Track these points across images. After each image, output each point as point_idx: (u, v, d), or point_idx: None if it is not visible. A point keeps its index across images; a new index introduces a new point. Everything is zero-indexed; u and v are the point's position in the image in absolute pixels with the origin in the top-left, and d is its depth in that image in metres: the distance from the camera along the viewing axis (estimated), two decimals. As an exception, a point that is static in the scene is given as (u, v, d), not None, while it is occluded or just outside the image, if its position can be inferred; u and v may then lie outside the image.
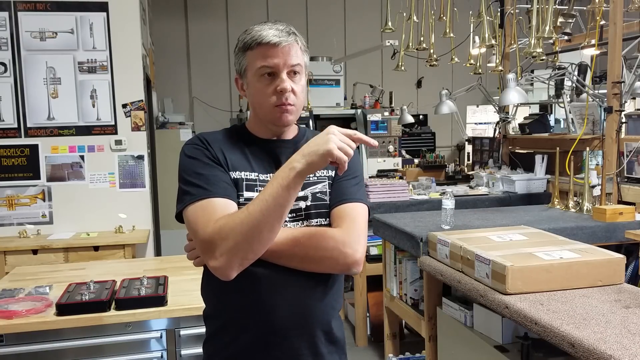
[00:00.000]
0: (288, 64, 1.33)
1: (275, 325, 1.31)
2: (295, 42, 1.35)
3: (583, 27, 4.25)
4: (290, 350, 1.33)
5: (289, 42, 1.33)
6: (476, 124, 7.49)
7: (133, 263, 2.99)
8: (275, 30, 1.33)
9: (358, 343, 3.85)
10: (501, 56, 4.36)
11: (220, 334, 1.38)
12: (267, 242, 1.23)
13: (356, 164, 1.44)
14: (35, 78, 3.74)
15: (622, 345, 1.45)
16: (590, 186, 3.13)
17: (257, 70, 1.33)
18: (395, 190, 3.87)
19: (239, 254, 1.21)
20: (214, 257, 1.22)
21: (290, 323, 1.32)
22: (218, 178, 1.31)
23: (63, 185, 3.81)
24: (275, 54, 1.32)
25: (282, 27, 1.35)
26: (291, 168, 1.19)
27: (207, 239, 1.22)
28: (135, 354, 2.05)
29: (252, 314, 1.32)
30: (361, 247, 1.31)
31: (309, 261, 1.30)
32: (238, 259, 1.22)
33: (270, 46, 1.31)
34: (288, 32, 1.34)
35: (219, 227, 1.21)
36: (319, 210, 1.37)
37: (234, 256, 1.21)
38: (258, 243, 1.22)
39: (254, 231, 1.19)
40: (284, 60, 1.32)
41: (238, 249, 1.21)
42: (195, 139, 1.39)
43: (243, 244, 1.20)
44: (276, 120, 1.37)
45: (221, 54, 7.25)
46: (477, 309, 2.20)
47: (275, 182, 1.20)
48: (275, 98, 1.33)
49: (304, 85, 1.39)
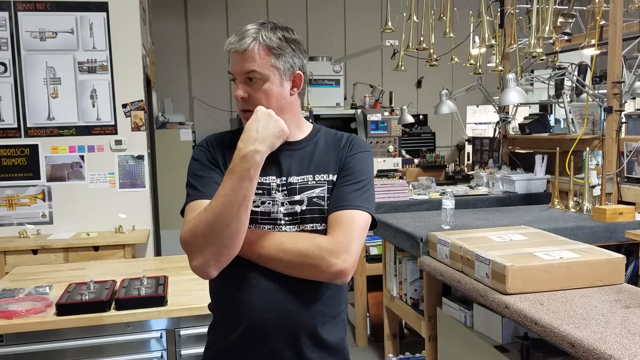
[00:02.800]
0: (241, 71, 1.33)
1: (260, 327, 1.32)
2: (252, 46, 1.30)
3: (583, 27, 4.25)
4: (273, 352, 1.33)
5: (238, 49, 1.31)
6: (476, 124, 7.49)
7: (133, 263, 2.99)
8: (235, 37, 1.33)
9: (358, 343, 3.86)
10: (501, 56, 4.36)
11: (216, 327, 1.43)
12: (238, 235, 1.24)
13: (363, 167, 1.40)
14: (35, 78, 3.73)
15: (622, 345, 1.45)
16: (590, 186, 3.13)
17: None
18: (395, 190, 3.87)
19: (212, 250, 1.23)
20: (191, 258, 1.26)
21: (274, 326, 1.32)
22: (212, 180, 1.34)
23: (63, 185, 3.81)
24: (233, 61, 1.34)
25: (246, 30, 1.32)
26: (251, 158, 1.22)
27: (182, 240, 1.27)
28: (135, 354, 2.04)
29: (241, 314, 1.33)
30: (351, 257, 1.27)
31: (292, 267, 1.29)
32: (213, 255, 1.24)
33: (231, 54, 1.34)
34: (243, 37, 1.31)
35: (190, 227, 1.25)
36: (314, 215, 1.35)
37: (209, 253, 1.23)
38: (228, 237, 1.23)
39: (221, 225, 1.21)
40: (237, 68, 1.33)
41: (210, 245, 1.23)
42: (203, 141, 1.44)
43: (214, 239, 1.22)
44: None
45: (221, 54, 7.13)
46: (477, 309, 2.20)
47: (233, 175, 1.22)
48: (238, 104, 1.37)
49: (272, 89, 1.33)
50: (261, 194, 1.35)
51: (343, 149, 1.41)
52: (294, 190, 1.36)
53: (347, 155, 1.39)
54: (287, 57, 1.34)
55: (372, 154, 1.48)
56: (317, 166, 1.39)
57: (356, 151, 1.41)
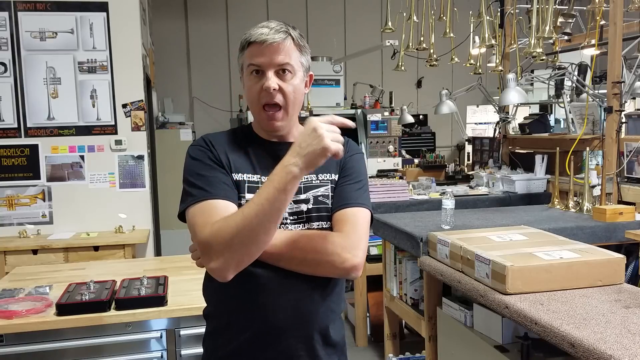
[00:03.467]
0: (274, 63, 1.32)
1: (273, 326, 1.32)
2: (287, 40, 1.33)
3: (583, 27, 4.25)
4: (287, 352, 1.34)
5: (276, 40, 1.31)
6: (476, 124, 7.49)
7: (133, 263, 2.99)
8: (266, 29, 1.32)
9: (358, 343, 3.85)
10: (501, 56, 4.36)
11: (220, 332, 1.39)
12: (263, 245, 1.23)
13: (360, 168, 1.44)
14: (35, 78, 3.74)
15: (622, 345, 1.45)
16: (590, 186, 3.13)
17: (247, 68, 1.35)
18: (395, 190, 3.87)
19: (235, 257, 1.22)
20: (210, 259, 1.23)
21: (287, 325, 1.32)
22: (219, 179, 1.32)
23: (63, 185, 3.81)
24: (262, 52, 1.32)
25: (275, 25, 1.34)
26: (288, 172, 1.18)
27: (203, 241, 1.23)
28: (135, 354, 2.04)
29: (251, 314, 1.32)
30: (361, 252, 1.31)
31: (307, 264, 1.30)
32: (234, 261, 1.22)
33: (258, 44, 1.32)
34: (278, 30, 1.32)
35: (215, 229, 1.22)
36: (320, 213, 1.37)
37: (230, 259, 1.21)
38: (254, 246, 1.22)
39: (250, 234, 1.19)
40: (270, 59, 1.32)
41: (234, 252, 1.21)
42: (200, 141, 1.40)
43: (239, 246, 1.20)
44: (264, 124, 1.38)
45: (221, 54, 7.25)
46: (477, 309, 2.20)
47: (271, 185, 1.19)
48: (262, 97, 1.33)
49: (297, 85, 1.36)
50: None
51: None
52: (298, 190, 1.36)
53: (346, 157, 1.42)
54: (307, 57, 1.40)
55: (364, 155, 1.54)
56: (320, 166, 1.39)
57: (353, 152, 1.46)
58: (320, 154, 1.18)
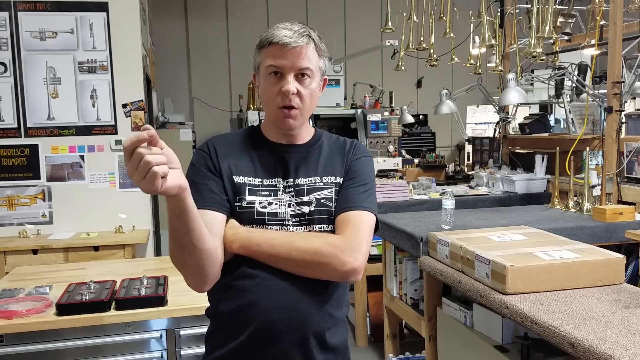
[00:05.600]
0: (295, 67, 1.33)
1: (268, 328, 1.32)
2: (309, 45, 1.33)
3: (583, 27, 4.25)
4: (281, 354, 1.33)
5: (299, 44, 1.31)
6: (476, 124, 7.49)
7: (133, 263, 2.98)
8: (289, 31, 1.32)
9: (358, 343, 3.86)
10: (501, 56, 4.36)
11: (220, 332, 1.40)
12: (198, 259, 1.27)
13: (367, 171, 1.44)
14: (35, 78, 3.73)
15: (622, 345, 1.45)
16: (590, 186, 3.13)
17: (266, 68, 1.35)
18: (395, 190, 3.87)
19: (188, 273, 1.30)
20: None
21: (284, 327, 1.32)
22: (207, 188, 1.34)
23: (63, 185, 3.81)
24: (284, 55, 1.32)
25: (298, 28, 1.34)
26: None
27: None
28: (135, 354, 2.04)
29: (249, 315, 1.33)
30: (361, 256, 1.30)
31: (305, 266, 1.29)
32: (189, 277, 1.31)
33: (280, 46, 1.31)
34: (301, 34, 1.33)
35: (170, 250, 1.32)
36: (322, 216, 1.37)
37: (186, 276, 1.30)
38: (188, 262, 1.28)
39: (179, 256, 1.28)
40: (291, 62, 1.32)
41: (183, 270, 1.30)
42: (203, 146, 1.43)
43: (180, 266, 1.30)
44: (279, 123, 1.38)
45: (221, 54, 7.25)
46: (477, 309, 2.20)
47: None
48: (280, 99, 1.34)
49: (314, 89, 1.38)
50: (267, 195, 1.36)
51: (348, 153, 1.45)
52: (301, 192, 1.37)
53: (352, 159, 1.43)
54: (325, 60, 1.40)
55: (372, 159, 1.53)
56: (324, 169, 1.41)
57: (360, 155, 1.45)
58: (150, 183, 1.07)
